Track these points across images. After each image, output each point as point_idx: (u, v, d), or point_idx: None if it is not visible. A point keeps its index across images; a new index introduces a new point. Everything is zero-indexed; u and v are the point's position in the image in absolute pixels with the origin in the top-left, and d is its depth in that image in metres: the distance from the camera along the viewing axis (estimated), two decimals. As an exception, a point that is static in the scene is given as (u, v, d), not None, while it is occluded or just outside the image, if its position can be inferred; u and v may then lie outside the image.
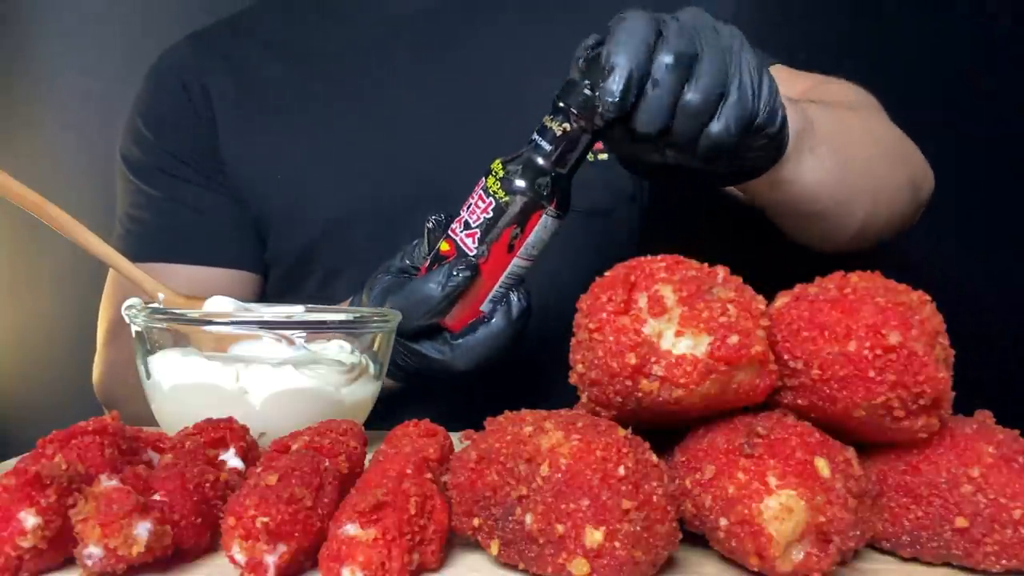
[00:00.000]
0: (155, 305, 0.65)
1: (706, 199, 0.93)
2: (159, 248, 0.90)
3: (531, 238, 0.65)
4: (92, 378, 0.94)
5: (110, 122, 1.23)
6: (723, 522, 0.38)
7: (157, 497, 0.40)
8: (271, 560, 0.37)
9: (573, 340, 0.44)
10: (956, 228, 1.33)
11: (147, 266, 0.78)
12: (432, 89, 0.90)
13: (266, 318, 0.65)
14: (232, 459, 0.47)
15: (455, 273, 0.64)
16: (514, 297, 0.67)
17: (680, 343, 0.40)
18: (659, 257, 0.43)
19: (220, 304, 0.65)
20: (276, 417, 0.57)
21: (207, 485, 0.42)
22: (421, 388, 0.75)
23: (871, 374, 0.39)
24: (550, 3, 0.94)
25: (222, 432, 0.48)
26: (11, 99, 1.23)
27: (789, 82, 0.83)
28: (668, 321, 0.40)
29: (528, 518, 0.38)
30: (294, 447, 0.45)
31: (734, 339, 0.39)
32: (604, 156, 0.84)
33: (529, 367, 0.79)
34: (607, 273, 0.43)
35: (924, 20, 1.30)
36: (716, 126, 0.56)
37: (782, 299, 0.44)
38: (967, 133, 1.31)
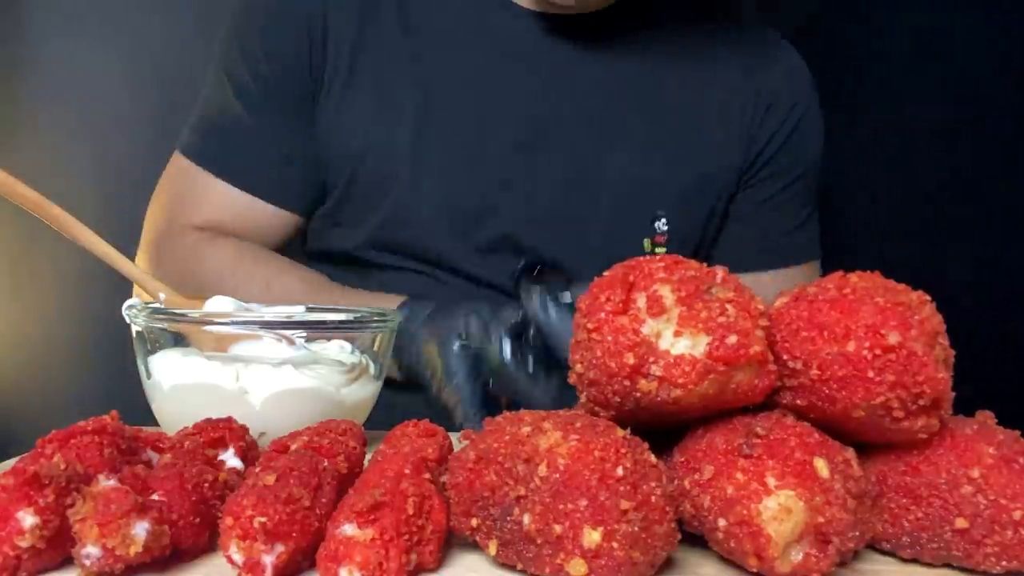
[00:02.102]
0: (155, 305, 0.65)
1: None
2: (209, 155, 0.90)
3: None
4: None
5: (110, 122, 1.24)
6: (722, 522, 0.38)
7: (155, 497, 0.40)
8: (269, 560, 0.37)
9: (572, 340, 0.44)
10: (956, 228, 1.33)
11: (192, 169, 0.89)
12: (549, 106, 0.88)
13: (266, 318, 0.65)
14: (231, 459, 0.47)
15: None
16: None
17: (679, 343, 0.39)
18: (658, 257, 0.43)
19: (220, 304, 0.65)
20: (276, 417, 0.57)
21: (206, 485, 0.42)
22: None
23: (871, 374, 0.39)
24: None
25: (221, 432, 0.48)
26: (12, 99, 1.23)
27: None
28: (667, 321, 0.40)
29: (526, 518, 0.37)
30: (293, 447, 0.45)
31: (733, 339, 0.39)
32: None
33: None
34: (606, 273, 0.43)
35: (924, 20, 1.30)
36: None
37: (781, 299, 0.44)
38: (966, 133, 1.31)
